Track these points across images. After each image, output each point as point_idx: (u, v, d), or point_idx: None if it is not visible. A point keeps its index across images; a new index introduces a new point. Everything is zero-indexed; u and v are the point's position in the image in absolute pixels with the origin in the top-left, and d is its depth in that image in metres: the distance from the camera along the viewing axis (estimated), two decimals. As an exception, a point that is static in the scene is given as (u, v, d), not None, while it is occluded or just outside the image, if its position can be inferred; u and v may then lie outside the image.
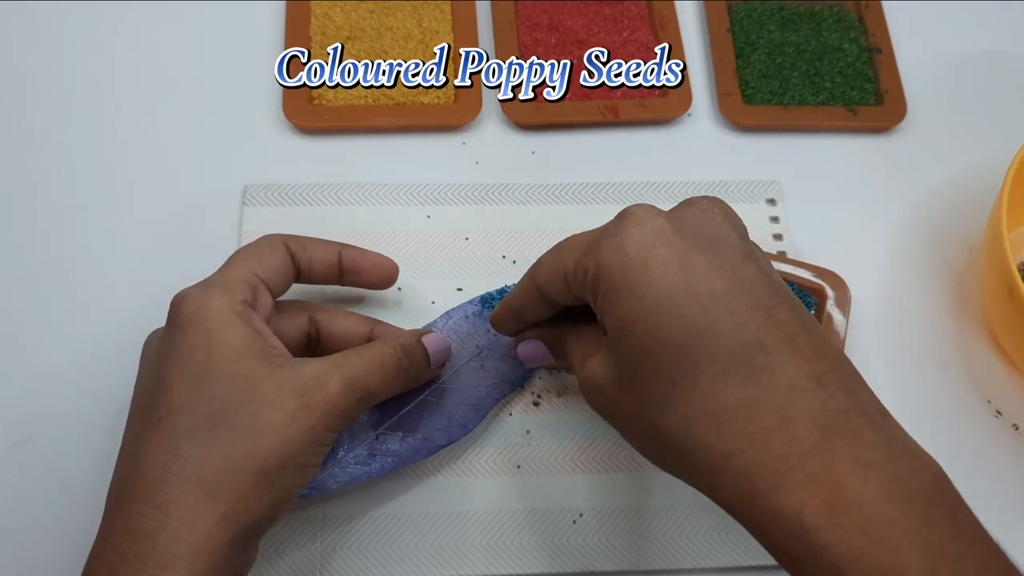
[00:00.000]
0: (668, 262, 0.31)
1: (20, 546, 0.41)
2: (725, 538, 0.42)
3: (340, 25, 0.54)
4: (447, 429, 0.42)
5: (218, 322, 0.35)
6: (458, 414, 0.42)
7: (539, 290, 0.37)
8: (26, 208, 0.49)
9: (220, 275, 0.38)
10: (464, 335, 0.43)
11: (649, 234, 0.32)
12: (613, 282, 0.32)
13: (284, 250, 0.40)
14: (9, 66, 0.53)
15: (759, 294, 0.31)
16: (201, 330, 0.35)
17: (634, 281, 0.31)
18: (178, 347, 0.35)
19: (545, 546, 0.42)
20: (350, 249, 0.42)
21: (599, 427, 0.44)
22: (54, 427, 0.43)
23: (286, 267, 0.40)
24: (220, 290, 0.36)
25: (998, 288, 0.44)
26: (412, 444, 0.41)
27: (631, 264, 0.32)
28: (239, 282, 0.37)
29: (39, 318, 0.46)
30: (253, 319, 0.36)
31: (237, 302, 0.36)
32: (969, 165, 0.54)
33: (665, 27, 0.56)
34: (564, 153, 0.53)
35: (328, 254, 0.42)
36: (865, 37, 0.57)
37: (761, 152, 0.54)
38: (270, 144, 0.52)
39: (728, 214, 0.34)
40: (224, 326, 0.35)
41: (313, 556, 0.41)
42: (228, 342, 0.34)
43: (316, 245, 0.41)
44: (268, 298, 0.39)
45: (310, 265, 0.41)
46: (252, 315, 0.36)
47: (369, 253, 0.43)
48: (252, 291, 0.37)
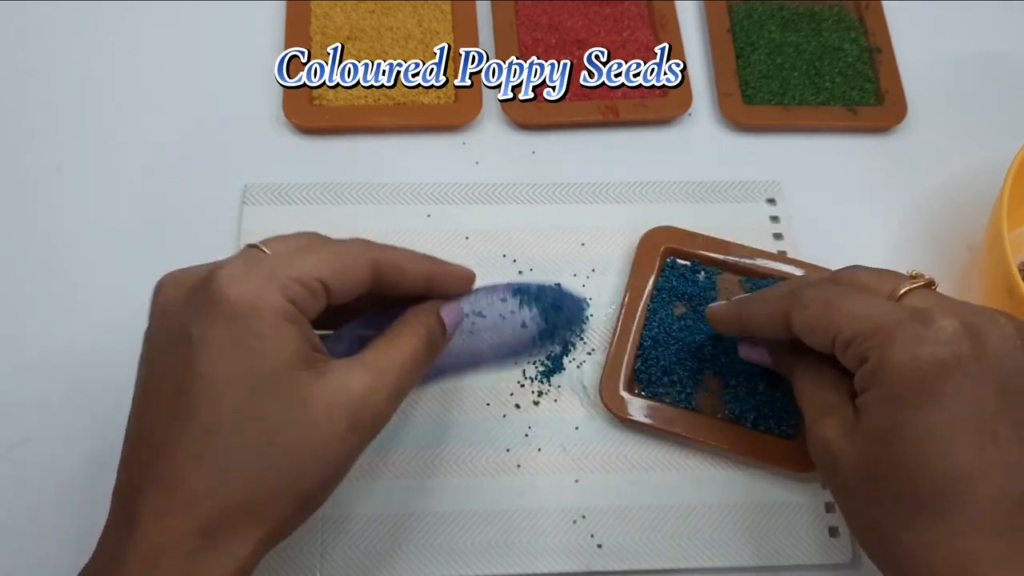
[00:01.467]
0: (962, 393, 0.31)
1: (20, 546, 0.41)
2: (726, 538, 0.42)
3: (340, 25, 0.54)
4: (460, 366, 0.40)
5: (270, 325, 0.31)
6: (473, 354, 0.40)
7: (790, 329, 0.36)
8: (26, 208, 0.49)
9: (284, 264, 0.33)
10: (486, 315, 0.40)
11: (951, 356, 0.31)
12: (896, 391, 0.32)
13: (368, 269, 0.35)
14: (9, 66, 0.53)
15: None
16: (251, 331, 0.31)
17: (920, 400, 0.31)
18: (225, 346, 0.31)
19: (546, 546, 0.42)
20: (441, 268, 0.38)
21: (599, 428, 0.44)
22: (54, 427, 0.43)
23: (362, 284, 0.35)
24: (276, 288, 0.32)
25: (998, 288, 0.44)
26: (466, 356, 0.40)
27: (924, 383, 0.31)
28: (300, 283, 0.32)
29: (39, 318, 0.46)
30: (304, 325, 0.33)
31: (287, 303, 0.32)
32: (969, 165, 0.54)
33: (665, 27, 0.56)
34: (564, 153, 0.53)
35: (418, 278, 0.37)
36: (865, 37, 0.57)
37: (761, 152, 0.54)
38: (270, 144, 0.52)
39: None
40: (276, 331, 0.31)
41: (313, 556, 0.41)
42: (281, 349, 0.31)
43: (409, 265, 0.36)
44: (322, 306, 0.34)
45: (397, 286, 0.36)
46: (302, 319, 0.33)
47: (456, 268, 0.39)
48: (310, 297, 0.33)
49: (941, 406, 0.31)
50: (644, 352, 0.45)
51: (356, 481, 0.42)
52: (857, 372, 0.34)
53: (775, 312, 0.37)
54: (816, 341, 0.35)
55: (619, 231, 0.50)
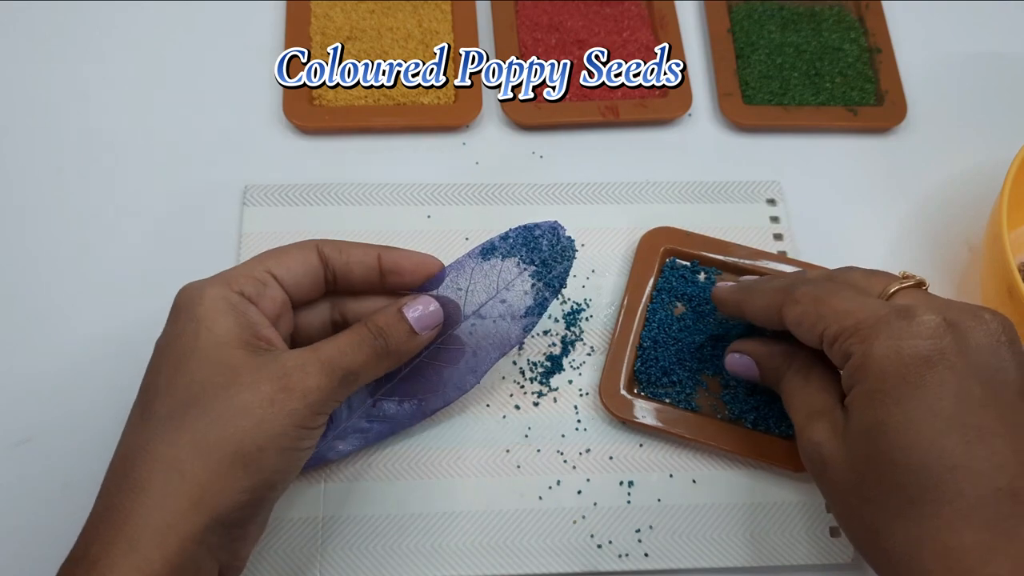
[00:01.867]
0: (945, 387, 0.31)
1: (20, 546, 0.41)
2: (726, 538, 0.42)
3: (340, 25, 0.54)
4: (442, 392, 0.42)
5: (208, 309, 0.35)
6: (454, 376, 0.42)
7: (783, 322, 0.37)
8: (27, 209, 0.49)
9: (228, 270, 0.37)
10: (462, 293, 0.42)
11: (933, 351, 0.32)
12: (881, 386, 0.32)
13: (313, 252, 0.38)
14: (9, 66, 0.53)
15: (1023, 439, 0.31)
16: (191, 316, 0.35)
17: (904, 395, 0.31)
18: (168, 333, 0.35)
19: (546, 546, 0.42)
20: (390, 250, 0.40)
21: (599, 428, 0.44)
22: (54, 427, 0.43)
23: (310, 267, 0.38)
24: (218, 281, 0.36)
25: (998, 288, 0.44)
26: (408, 409, 0.41)
27: (906, 376, 0.31)
28: (243, 276, 0.37)
29: (40, 318, 0.46)
30: (248, 311, 0.36)
31: (232, 292, 0.36)
32: (969, 165, 0.54)
33: (665, 27, 0.56)
34: (564, 153, 0.53)
35: (367, 256, 0.39)
36: (865, 37, 0.57)
37: (761, 152, 0.54)
38: (270, 144, 0.52)
39: (1013, 341, 0.33)
40: (213, 313, 0.35)
41: (313, 556, 0.41)
42: (214, 329, 0.34)
43: (353, 248, 0.39)
44: (278, 294, 0.37)
45: (347, 268, 0.39)
46: (248, 307, 0.36)
47: (411, 253, 0.40)
48: (257, 285, 0.37)
49: (924, 400, 0.31)
50: (644, 353, 0.45)
51: (356, 481, 0.42)
52: (844, 369, 0.34)
53: (770, 305, 0.38)
54: (806, 336, 0.36)
55: (619, 231, 0.50)
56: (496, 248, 0.42)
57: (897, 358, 0.32)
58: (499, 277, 0.42)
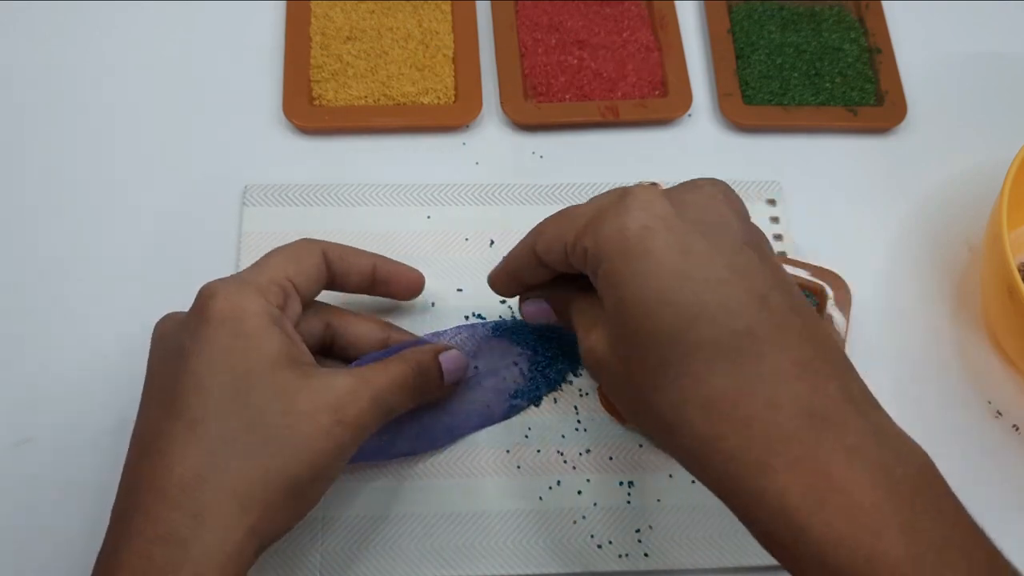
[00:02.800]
0: (668, 247, 0.31)
1: (21, 546, 0.41)
2: (726, 539, 0.42)
3: (340, 25, 0.54)
4: (414, 440, 0.42)
5: (255, 327, 0.34)
6: (431, 428, 0.42)
7: (538, 258, 0.37)
8: (26, 209, 0.49)
9: (255, 273, 0.37)
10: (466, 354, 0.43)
11: (651, 218, 0.32)
12: (613, 264, 0.32)
13: (321, 258, 0.39)
14: (9, 66, 0.53)
15: (755, 281, 0.31)
16: (238, 332, 0.34)
17: (633, 265, 0.32)
18: (215, 345, 0.34)
19: (546, 547, 0.42)
20: (385, 261, 0.42)
21: (599, 428, 0.44)
22: (54, 427, 0.43)
23: (320, 274, 0.39)
24: (256, 292, 0.35)
25: (998, 288, 0.44)
26: (375, 444, 0.41)
27: (631, 248, 0.32)
28: (273, 284, 0.36)
29: (40, 318, 0.46)
30: (286, 326, 0.36)
31: (273, 306, 0.35)
32: (969, 165, 0.54)
33: (665, 27, 0.56)
34: (564, 153, 0.53)
35: (364, 266, 0.41)
36: (865, 37, 0.57)
37: (761, 152, 0.54)
38: (270, 144, 0.52)
39: (730, 197, 0.34)
40: (261, 331, 0.34)
41: (313, 556, 0.41)
42: (265, 349, 0.34)
43: (354, 256, 0.41)
44: (298, 304, 0.38)
45: (346, 275, 0.41)
46: (285, 321, 0.36)
47: (401, 266, 0.43)
48: (284, 296, 0.37)
49: (654, 264, 0.31)
50: (644, 352, 0.45)
51: (356, 482, 0.42)
52: (586, 268, 0.34)
53: (526, 245, 0.38)
54: (555, 259, 0.36)
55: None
56: (509, 329, 0.44)
57: (620, 234, 0.32)
58: (503, 353, 0.44)
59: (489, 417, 0.44)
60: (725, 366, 0.30)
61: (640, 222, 0.32)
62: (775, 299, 0.31)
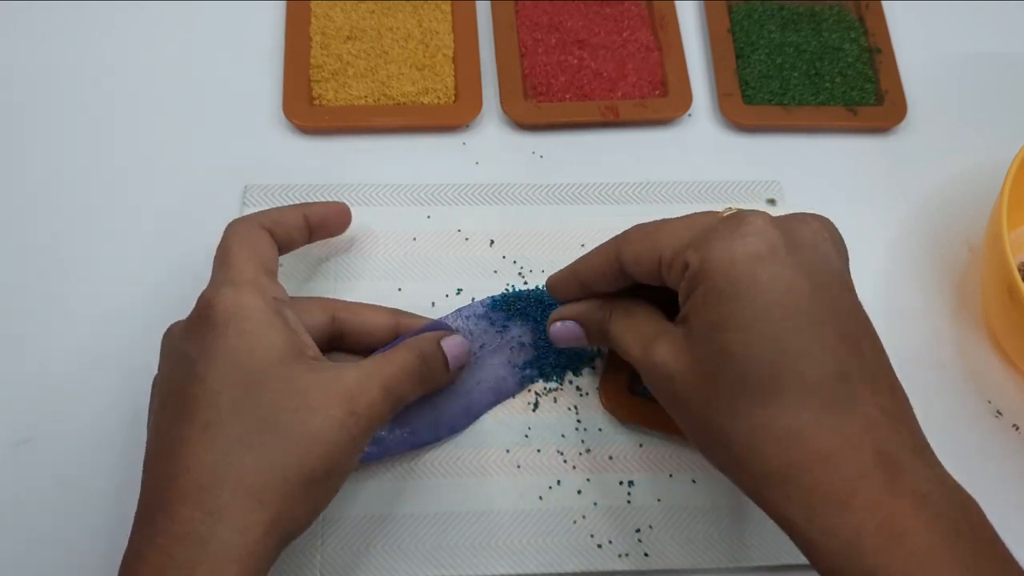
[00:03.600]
0: (776, 279, 0.32)
1: (20, 546, 0.41)
2: (726, 539, 0.42)
3: (340, 25, 0.54)
4: (434, 427, 0.42)
5: (259, 323, 0.35)
6: (448, 413, 0.43)
7: (622, 266, 0.37)
8: (26, 209, 0.49)
9: (235, 272, 0.37)
10: (470, 335, 0.43)
11: (763, 247, 0.33)
12: (718, 286, 0.33)
13: (267, 234, 0.40)
14: (9, 66, 0.53)
15: (852, 326, 0.33)
16: (242, 331, 0.34)
17: (740, 291, 0.32)
18: (220, 348, 0.34)
19: (546, 546, 0.42)
20: (310, 207, 0.43)
21: (598, 428, 0.44)
22: (54, 427, 0.43)
23: (274, 250, 0.40)
24: (252, 289, 0.36)
25: (998, 288, 0.44)
26: (398, 436, 0.41)
27: (740, 273, 0.32)
28: (260, 277, 0.37)
29: (40, 318, 0.46)
30: (288, 317, 0.36)
31: (271, 299, 0.36)
32: (969, 165, 0.54)
33: (665, 27, 0.56)
34: (564, 153, 0.53)
35: (296, 220, 0.42)
36: (865, 37, 0.57)
37: (761, 152, 0.54)
38: (270, 144, 0.52)
39: (836, 240, 0.35)
40: (265, 327, 0.35)
41: (313, 556, 0.41)
42: (271, 344, 0.34)
43: (282, 214, 0.41)
44: (281, 289, 0.39)
45: (288, 236, 0.41)
46: (287, 312, 0.36)
47: (328, 204, 0.44)
48: (273, 285, 0.37)
49: (760, 294, 0.32)
50: (644, 352, 0.45)
51: (356, 482, 0.42)
52: (681, 283, 0.35)
53: (606, 255, 0.38)
54: (644, 270, 0.36)
55: (619, 232, 0.49)
56: (507, 300, 0.44)
57: (730, 257, 0.33)
58: (505, 329, 0.44)
59: (504, 391, 0.44)
60: (814, 404, 0.31)
61: (752, 249, 0.33)
62: (867, 346, 0.33)
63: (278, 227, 0.41)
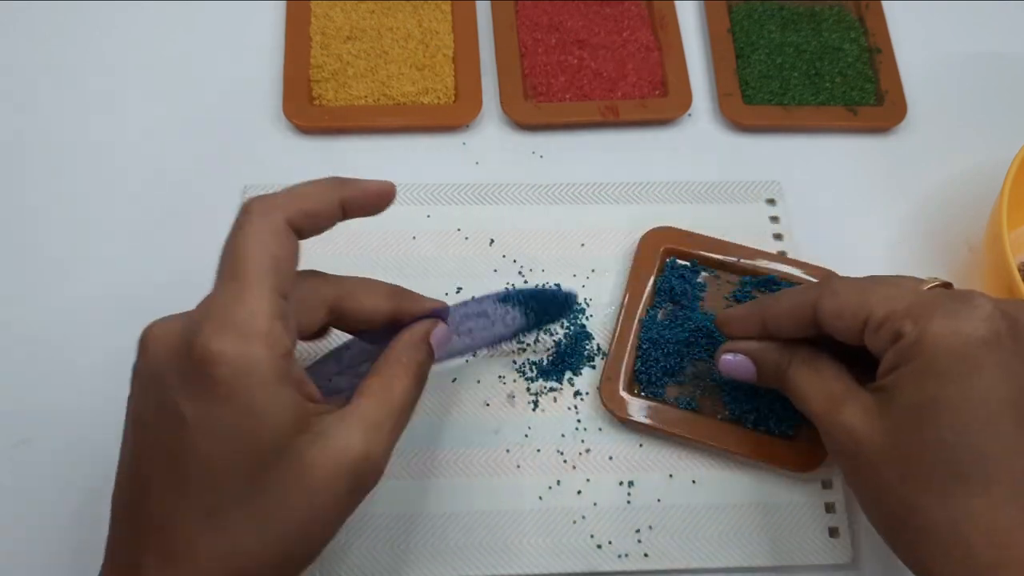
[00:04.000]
0: (999, 367, 0.32)
1: (20, 546, 0.41)
2: (726, 539, 0.42)
3: (340, 25, 0.54)
4: None
5: (266, 393, 0.30)
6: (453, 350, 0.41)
7: (816, 316, 0.36)
8: (26, 210, 0.49)
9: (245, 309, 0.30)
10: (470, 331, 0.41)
11: (991, 333, 0.32)
12: (937, 364, 0.32)
13: (291, 236, 0.33)
14: (9, 66, 0.53)
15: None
16: (249, 411, 0.30)
17: (961, 373, 0.32)
18: (223, 423, 0.30)
19: (546, 546, 0.42)
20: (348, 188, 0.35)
21: (599, 428, 0.44)
22: (54, 427, 0.43)
23: (296, 258, 0.33)
24: (263, 344, 0.30)
25: (998, 288, 0.44)
26: None
27: (965, 356, 0.32)
28: (273, 323, 0.30)
29: (39, 318, 0.46)
30: (295, 371, 0.31)
31: (279, 358, 0.30)
32: (969, 165, 0.54)
33: (665, 27, 0.56)
34: (564, 153, 0.53)
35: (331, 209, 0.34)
36: (865, 37, 0.57)
37: (761, 152, 0.54)
38: (270, 144, 0.52)
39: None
40: (272, 398, 0.30)
41: (313, 556, 0.41)
42: (278, 424, 0.30)
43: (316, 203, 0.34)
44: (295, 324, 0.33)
45: (316, 227, 0.34)
46: (295, 367, 0.31)
47: (369, 187, 0.36)
48: (287, 330, 0.31)
49: (981, 380, 0.31)
50: (644, 353, 0.45)
51: (356, 481, 0.42)
52: (889, 350, 0.34)
53: (803, 302, 0.37)
54: (844, 326, 0.35)
55: (619, 231, 0.50)
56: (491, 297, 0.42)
57: (955, 337, 0.32)
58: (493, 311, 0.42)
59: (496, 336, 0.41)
60: None
61: (980, 333, 0.32)
62: None
63: (307, 221, 0.33)
